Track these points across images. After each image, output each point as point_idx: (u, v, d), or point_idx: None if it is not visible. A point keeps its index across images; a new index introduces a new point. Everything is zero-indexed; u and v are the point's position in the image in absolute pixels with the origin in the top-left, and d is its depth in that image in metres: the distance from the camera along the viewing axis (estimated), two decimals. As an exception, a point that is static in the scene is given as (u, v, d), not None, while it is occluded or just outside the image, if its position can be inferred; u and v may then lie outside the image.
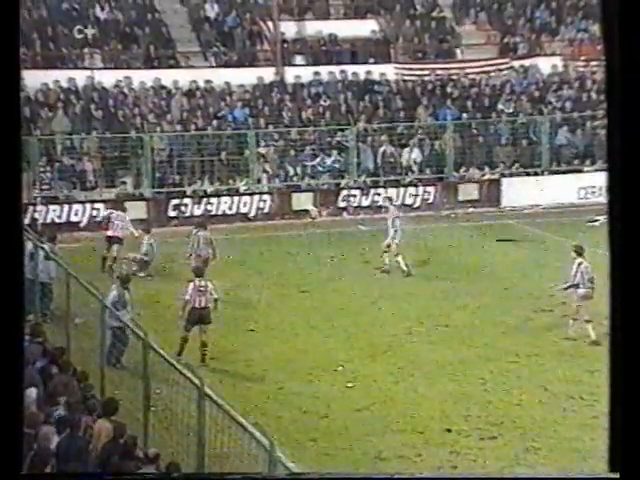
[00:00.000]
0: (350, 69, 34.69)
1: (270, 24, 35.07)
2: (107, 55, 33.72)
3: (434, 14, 37.29)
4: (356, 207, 31.62)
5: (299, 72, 34.53)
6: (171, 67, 33.84)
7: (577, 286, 18.77)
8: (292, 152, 32.19)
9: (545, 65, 36.24)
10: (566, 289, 19.08)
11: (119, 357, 16.29)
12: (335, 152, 32.29)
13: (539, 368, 17.32)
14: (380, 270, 23.99)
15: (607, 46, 4.86)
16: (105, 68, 33.14)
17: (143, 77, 32.85)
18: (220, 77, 33.50)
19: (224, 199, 30.68)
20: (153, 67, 33.51)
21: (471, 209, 31.82)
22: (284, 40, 35.11)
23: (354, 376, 17.20)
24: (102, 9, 34.56)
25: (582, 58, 36.75)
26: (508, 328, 19.57)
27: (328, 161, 32.15)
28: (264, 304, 21.70)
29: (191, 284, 18.05)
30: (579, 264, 18.82)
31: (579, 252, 19.03)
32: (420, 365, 17.69)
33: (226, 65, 34.47)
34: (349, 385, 16.82)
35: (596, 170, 33.26)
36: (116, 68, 33.20)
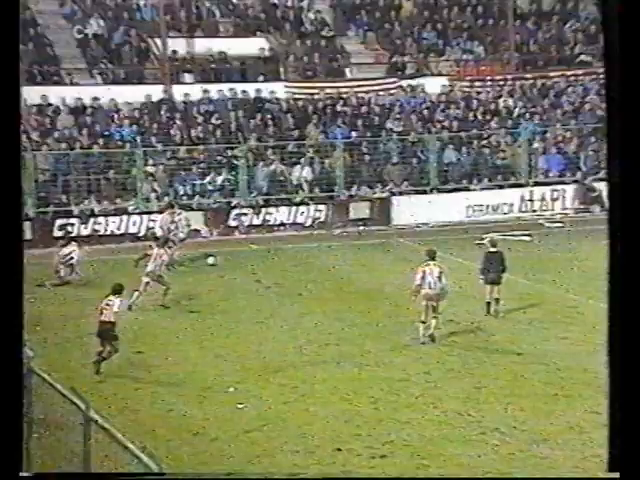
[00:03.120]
0: (240, 87, 34.62)
1: (158, 41, 34.74)
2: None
3: (324, 33, 37.50)
4: (248, 226, 31.48)
5: (188, 90, 34.27)
6: (56, 84, 33.18)
7: (421, 286, 19.54)
8: (182, 171, 31.89)
9: (432, 85, 36.76)
10: (414, 293, 19.69)
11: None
12: (225, 171, 32.11)
13: (428, 385, 17.39)
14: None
15: (607, 60, 5.07)
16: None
17: (27, 94, 32.09)
18: (107, 95, 33.00)
19: (112, 219, 30.19)
20: (37, 84, 32.78)
21: (362, 227, 31.98)
22: (173, 58, 34.82)
23: (245, 397, 16.97)
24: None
25: (467, 78, 37.43)
26: (398, 346, 19.63)
27: (218, 180, 31.95)
28: (153, 325, 21.35)
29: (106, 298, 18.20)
30: (424, 266, 19.70)
31: (431, 256, 20.00)
32: (311, 385, 17.58)
33: (113, 82, 33.99)
34: (240, 406, 16.58)
35: (482, 189, 33.87)
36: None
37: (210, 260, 26.53)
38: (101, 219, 30.01)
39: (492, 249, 21.96)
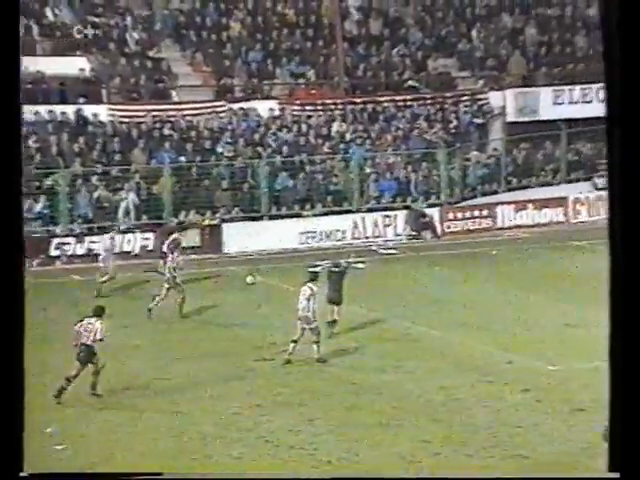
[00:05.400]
0: (59, 109, 33.07)
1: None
2: None
3: (150, 54, 36.35)
4: (70, 256, 30.00)
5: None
6: None
7: (298, 309, 19.55)
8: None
9: (263, 108, 36.15)
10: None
11: None
12: (44, 197, 30.54)
13: (260, 419, 16.87)
14: None
15: (607, 65, 5.10)
16: None
17: None
18: None
19: None
20: None
21: (193, 255, 30.92)
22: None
23: (66, 436, 15.91)
24: None
25: (297, 102, 36.99)
26: (230, 378, 19.02)
27: (37, 207, 30.36)
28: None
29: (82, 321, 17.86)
30: (301, 287, 19.74)
31: (310, 278, 20.04)
32: (138, 421, 16.89)
33: None
34: (59, 447, 15.49)
35: (315, 215, 33.38)
36: None
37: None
38: None
39: (334, 269, 21.72)
